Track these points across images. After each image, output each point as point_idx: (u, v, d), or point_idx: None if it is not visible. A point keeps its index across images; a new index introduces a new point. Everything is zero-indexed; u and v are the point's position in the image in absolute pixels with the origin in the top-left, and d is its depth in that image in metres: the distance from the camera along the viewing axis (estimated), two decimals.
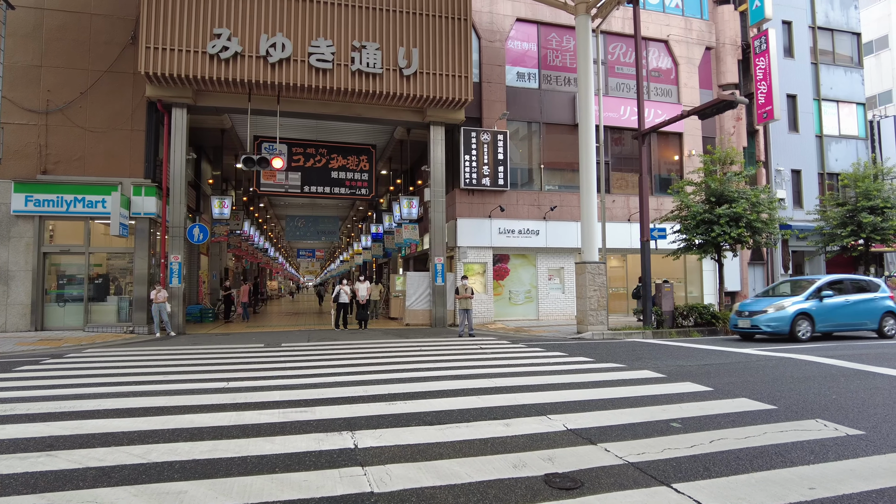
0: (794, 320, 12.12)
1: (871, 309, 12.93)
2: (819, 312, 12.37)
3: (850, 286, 13.24)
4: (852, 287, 13.26)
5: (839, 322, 12.65)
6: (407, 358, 9.92)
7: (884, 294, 13.13)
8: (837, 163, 23.25)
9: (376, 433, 4.81)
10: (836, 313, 12.58)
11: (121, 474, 3.84)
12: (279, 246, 51.66)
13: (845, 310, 12.70)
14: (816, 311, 12.35)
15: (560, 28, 19.83)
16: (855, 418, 5.30)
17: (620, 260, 20.69)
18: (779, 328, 12.14)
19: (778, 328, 12.14)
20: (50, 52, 15.28)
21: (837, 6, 24.26)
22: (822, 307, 12.43)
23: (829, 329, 12.64)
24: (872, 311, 12.93)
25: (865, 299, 12.94)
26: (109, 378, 7.79)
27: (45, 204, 14.92)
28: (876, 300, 13.00)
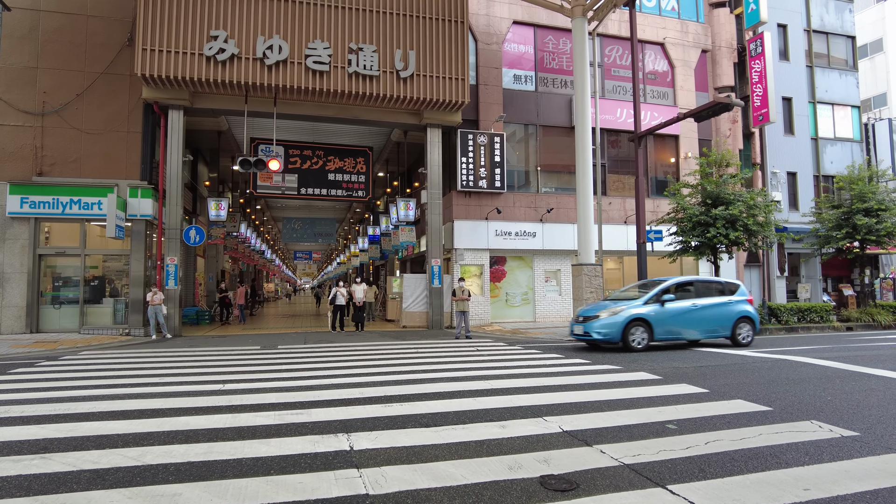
0: (626, 327, 10.88)
1: (724, 314, 11.77)
2: (659, 318, 11.12)
3: (702, 289, 12.11)
4: (706, 290, 12.11)
5: (684, 328, 11.40)
6: (403, 360, 9.91)
7: (741, 297, 12.08)
8: (833, 165, 23.35)
9: (372, 435, 4.81)
10: (681, 319, 11.33)
11: (115, 476, 3.83)
12: (276, 248, 51.59)
13: (692, 315, 11.43)
14: (656, 316, 11.10)
15: (557, 31, 19.88)
16: (850, 419, 5.32)
17: (617, 262, 20.72)
18: (609, 336, 10.95)
19: (609, 336, 10.95)
20: (46, 54, 15.25)
21: (832, 9, 24.39)
22: (663, 312, 11.18)
23: (671, 337, 11.36)
24: (725, 316, 11.77)
25: (718, 303, 11.79)
26: (104, 380, 7.76)
27: (40, 206, 14.87)
28: (731, 304, 11.88)
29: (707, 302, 11.72)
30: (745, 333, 11.90)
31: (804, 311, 16.49)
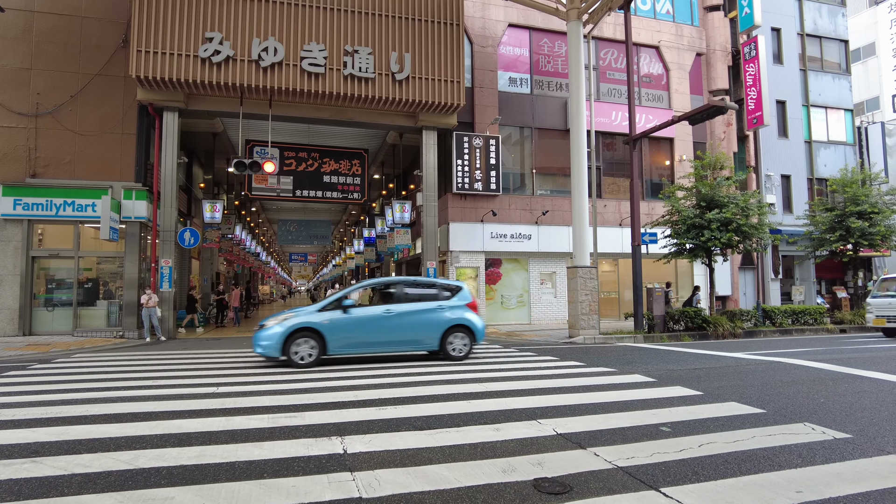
0: (287, 339, 9.11)
1: (431, 322, 9.98)
2: (337, 327, 9.38)
3: (408, 292, 10.39)
4: (413, 293, 10.42)
5: (373, 339, 9.70)
6: (398, 363, 9.90)
7: (459, 302, 10.31)
8: (826, 168, 23.48)
9: (366, 438, 4.80)
10: (368, 328, 9.65)
11: (107, 480, 3.80)
12: (271, 250, 51.46)
13: (385, 323, 9.71)
14: (332, 325, 9.36)
15: (552, 34, 19.94)
16: (842, 422, 5.34)
17: (612, 264, 20.77)
18: (269, 349, 9.12)
19: (268, 349, 9.13)
20: (40, 55, 15.19)
21: (825, 14, 24.56)
22: (344, 320, 9.46)
23: (355, 350, 9.69)
24: (432, 324, 9.98)
25: (424, 309, 10.03)
26: (97, 383, 7.72)
27: (33, 207, 14.80)
28: (442, 310, 10.09)
29: (408, 308, 9.93)
30: (458, 345, 10.09)
31: (798, 314, 16.57)
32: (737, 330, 15.01)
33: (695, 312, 15.30)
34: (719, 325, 14.86)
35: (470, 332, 10.23)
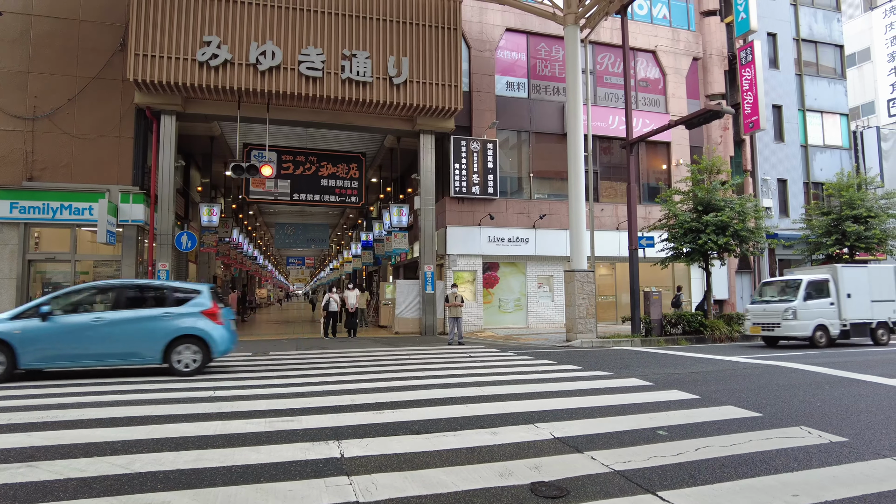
0: None
1: (151, 331, 8.61)
2: (33, 337, 8.14)
3: (130, 297, 8.99)
4: (134, 297, 9.07)
5: (80, 350, 8.37)
6: (395, 366, 9.89)
7: (191, 310, 8.89)
8: (822, 172, 23.57)
9: (363, 442, 4.79)
10: (72, 338, 8.32)
11: (103, 485, 3.79)
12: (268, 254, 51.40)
13: (94, 332, 8.37)
14: (26, 335, 8.11)
15: (549, 38, 20.01)
16: (838, 425, 5.35)
17: (609, 268, 20.80)
18: None
19: None
20: (37, 59, 15.18)
21: (821, 19, 24.70)
22: (41, 330, 8.19)
23: (58, 363, 8.53)
24: (152, 333, 8.61)
25: (144, 317, 8.69)
26: (93, 387, 7.69)
27: (30, 211, 14.76)
28: (168, 318, 8.71)
29: (124, 316, 8.61)
30: (186, 359, 8.74)
31: None
32: (734, 333, 15.04)
33: (692, 316, 15.33)
34: (716, 328, 14.89)
35: (203, 344, 8.79)
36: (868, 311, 13.86)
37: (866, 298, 13.86)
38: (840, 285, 13.64)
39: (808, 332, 13.14)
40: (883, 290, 14.14)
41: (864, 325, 13.85)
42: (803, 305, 13.25)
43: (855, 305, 13.66)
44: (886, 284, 14.24)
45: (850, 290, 13.63)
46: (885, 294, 14.15)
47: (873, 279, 14.10)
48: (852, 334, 13.69)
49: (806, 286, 13.43)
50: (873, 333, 13.93)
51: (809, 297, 13.36)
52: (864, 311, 13.81)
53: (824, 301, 13.47)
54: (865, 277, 14.04)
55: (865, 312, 13.83)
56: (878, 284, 14.11)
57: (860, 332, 13.83)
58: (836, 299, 13.55)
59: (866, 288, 13.92)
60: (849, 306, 13.58)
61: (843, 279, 13.68)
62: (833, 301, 13.53)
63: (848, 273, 13.89)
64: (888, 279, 14.33)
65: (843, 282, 13.66)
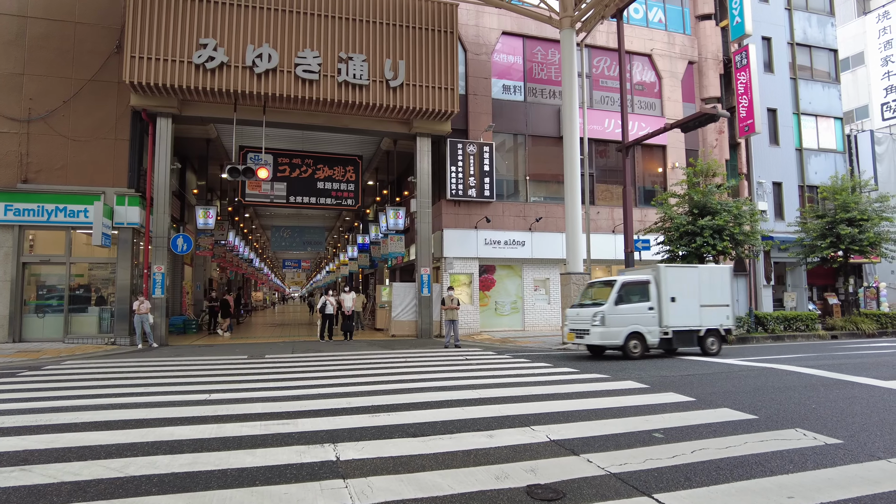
0: None
1: None
2: None
3: None
4: None
5: None
6: (391, 369, 9.88)
7: None
8: (817, 175, 23.69)
9: (359, 445, 4.78)
10: None
11: (97, 489, 3.77)
12: (264, 256, 51.29)
13: None
14: None
15: (545, 42, 20.06)
16: (833, 427, 5.37)
17: (605, 271, 20.82)
18: None
19: None
20: (33, 61, 15.13)
21: (815, 23, 24.85)
22: None
23: None
24: None
25: None
26: (88, 390, 7.66)
27: (25, 213, 14.70)
28: None
29: None
30: None
31: (790, 320, 16.66)
32: (729, 336, 15.07)
33: None
34: None
35: None
36: (696, 318, 12.12)
37: (694, 303, 12.15)
38: (663, 287, 11.96)
39: (619, 341, 11.43)
40: (715, 294, 12.46)
41: (691, 333, 12.08)
42: (614, 310, 11.49)
43: (680, 310, 11.96)
44: (720, 287, 12.59)
45: (674, 293, 11.96)
46: (717, 298, 12.46)
47: (704, 281, 12.45)
48: (675, 343, 12.00)
49: (619, 288, 11.74)
50: (701, 342, 12.13)
51: (622, 300, 11.67)
52: (690, 316, 12.08)
53: (642, 305, 11.78)
54: (695, 279, 12.38)
55: (692, 319, 12.09)
56: (710, 287, 12.46)
57: (685, 341, 12.07)
58: (657, 303, 11.87)
59: (695, 291, 12.23)
60: (672, 311, 11.88)
61: (666, 280, 11.99)
62: (653, 305, 11.83)
63: (673, 274, 12.21)
64: (722, 281, 12.69)
65: (667, 283, 11.98)
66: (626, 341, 11.44)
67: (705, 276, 12.56)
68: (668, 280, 12.03)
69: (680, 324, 11.95)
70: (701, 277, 12.48)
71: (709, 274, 12.70)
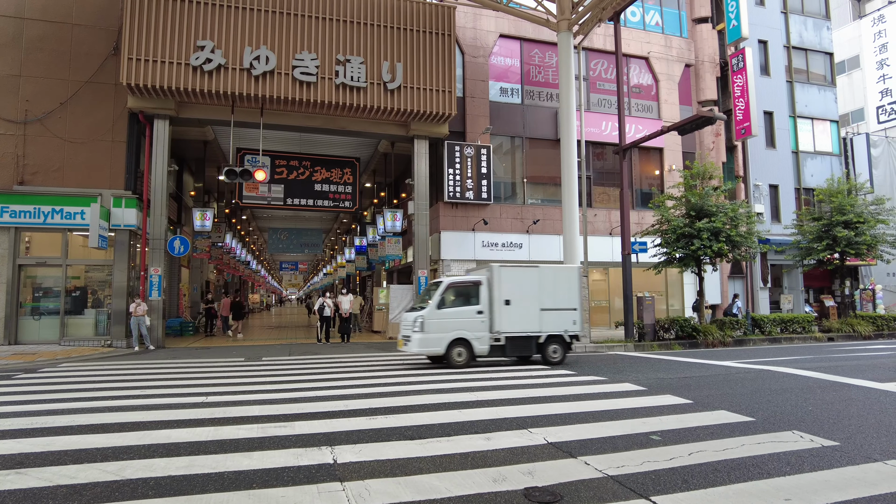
0: None
1: None
2: None
3: None
4: None
5: None
6: (389, 372, 9.87)
7: None
8: (813, 178, 23.77)
9: (356, 448, 4.77)
10: None
11: (93, 492, 3.76)
12: (262, 259, 51.22)
13: None
14: None
15: (543, 44, 20.10)
16: (830, 429, 5.38)
17: (602, 273, 20.84)
18: None
19: None
20: (29, 62, 15.10)
21: (811, 27, 24.96)
22: None
23: None
24: None
25: None
26: (84, 393, 7.63)
27: (21, 215, 14.65)
28: None
29: None
30: None
31: (787, 322, 16.70)
32: (726, 338, 15.11)
33: (685, 321, 15.39)
34: (709, 333, 14.95)
35: None
36: (535, 322, 10.95)
37: (534, 306, 11.00)
38: (496, 290, 10.79)
39: (440, 349, 10.36)
40: (560, 297, 11.25)
41: (529, 339, 10.93)
42: (435, 314, 10.42)
43: (516, 315, 10.82)
44: (566, 289, 11.36)
45: (510, 296, 10.84)
46: (562, 301, 11.25)
47: (547, 283, 11.24)
48: (510, 350, 10.82)
49: (444, 290, 10.69)
50: (542, 349, 10.99)
51: (445, 303, 10.63)
52: (528, 321, 10.92)
53: (469, 309, 10.71)
54: (535, 280, 11.16)
55: (531, 324, 10.93)
56: (555, 289, 11.25)
57: (522, 348, 10.92)
58: (489, 307, 10.76)
59: (535, 293, 11.07)
60: (506, 316, 10.75)
61: (500, 282, 10.82)
62: (483, 309, 10.72)
63: (509, 274, 11.02)
64: (569, 283, 11.45)
65: (501, 285, 10.82)
66: (448, 349, 10.38)
67: (549, 277, 11.33)
68: (502, 281, 10.86)
69: (515, 329, 10.82)
70: (543, 278, 11.26)
71: (553, 274, 11.44)
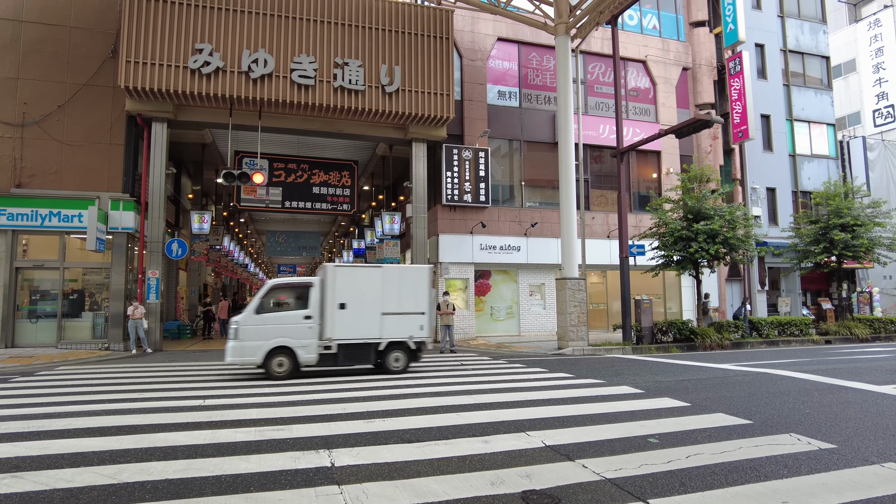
0: None
1: None
2: None
3: None
4: None
5: None
6: (386, 375, 9.86)
7: None
8: (810, 181, 23.84)
9: (353, 451, 4.77)
10: None
11: (89, 496, 3.74)
12: (259, 261, 51.16)
13: None
14: None
15: (540, 48, 20.16)
16: (827, 432, 5.39)
17: (600, 276, 20.87)
18: None
19: None
20: (27, 65, 15.10)
21: (807, 31, 25.07)
22: None
23: None
24: None
25: None
26: (81, 396, 7.61)
27: (18, 218, 14.62)
28: None
29: None
30: None
31: (784, 325, 16.72)
32: (724, 341, 15.12)
33: (682, 324, 15.40)
34: (707, 336, 14.95)
35: None
36: (375, 328, 9.97)
37: (374, 310, 10.01)
38: (330, 292, 9.75)
39: (257, 358, 9.28)
40: (406, 300, 10.27)
41: (367, 347, 9.96)
42: (251, 320, 9.40)
43: (351, 320, 9.81)
44: (413, 292, 10.38)
45: (346, 299, 9.80)
46: (408, 305, 10.29)
47: (391, 284, 10.25)
48: (343, 359, 9.83)
49: (265, 293, 9.73)
50: (383, 357, 10.07)
51: (265, 308, 9.62)
52: (366, 327, 9.94)
53: (295, 314, 9.67)
54: (377, 281, 10.16)
55: (370, 329, 9.95)
56: (399, 292, 10.26)
57: (359, 357, 9.98)
58: (319, 311, 9.71)
59: (376, 296, 10.07)
60: (340, 321, 9.74)
61: (335, 283, 9.80)
62: (311, 314, 9.65)
63: (346, 275, 10.02)
64: (417, 285, 10.46)
65: (336, 287, 9.80)
66: (267, 359, 9.32)
67: (393, 278, 10.36)
68: (337, 282, 9.83)
69: (350, 336, 9.82)
70: (387, 279, 10.28)
71: (398, 275, 10.51)
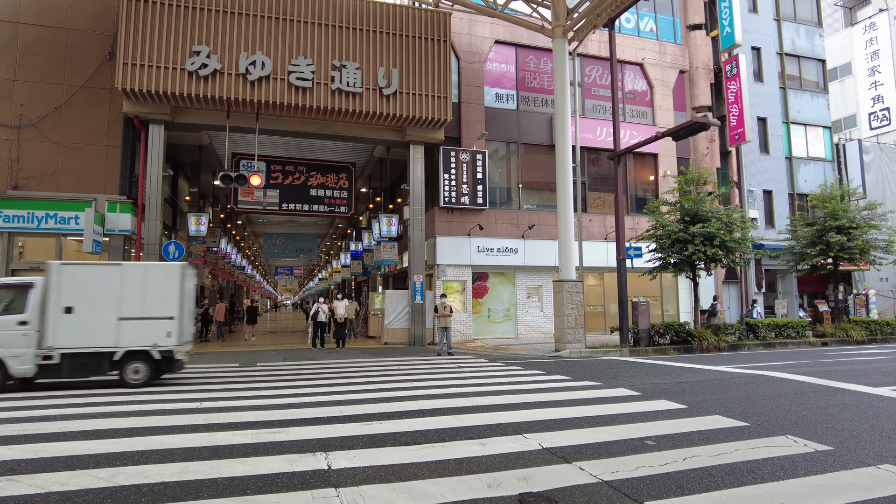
0: None
1: None
2: None
3: None
4: None
5: None
6: (384, 377, 9.85)
7: None
8: (806, 184, 23.92)
9: (350, 454, 4.76)
10: None
11: (85, 499, 3.73)
12: (256, 263, 51.10)
13: None
14: None
15: (538, 50, 20.21)
16: (824, 434, 5.40)
17: (598, 278, 20.89)
18: None
19: None
20: (24, 67, 15.06)
21: (803, 34, 25.18)
22: None
23: None
24: None
25: None
26: (76, 398, 7.58)
27: (14, 220, 14.57)
28: None
29: None
30: None
31: (781, 327, 16.75)
32: (721, 343, 15.14)
33: (679, 326, 15.42)
34: (704, 338, 14.98)
35: None
36: (109, 335, 8.76)
37: (110, 315, 8.80)
38: (53, 294, 8.59)
39: None
40: (151, 303, 9.02)
41: (100, 357, 8.73)
42: None
43: (80, 325, 8.64)
44: (160, 293, 9.09)
45: (73, 302, 8.65)
46: (153, 308, 9.01)
47: (132, 285, 8.99)
48: (69, 370, 8.59)
49: None
50: (120, 368, 8.87)
51: None
52: (99, 334, 8.73)
53: (6, 319, 8.50)
54: (115, 282, 8.93)
55: (103, 337, 8.74)
56: (143, 293, 9.01)
57: (88, 367, 8.75)
58: (39, 316, 8.53)
59: (113, 298, 8.86)
60: (66, 327, 8.56)
61: (60, 284, 8.64)
62: (28, 319, 8.48)
63: (75, 274, 8.83)
64: (165, 286, 9.14)
65: (62, 288, 8.63)
66: None
67: (135, 279, 9.07)
68: (63, 283, 8.68)
69: (77, 344, 8.63)
70: (128, 279, 9.02)
71: (142, 275, 9.19)
